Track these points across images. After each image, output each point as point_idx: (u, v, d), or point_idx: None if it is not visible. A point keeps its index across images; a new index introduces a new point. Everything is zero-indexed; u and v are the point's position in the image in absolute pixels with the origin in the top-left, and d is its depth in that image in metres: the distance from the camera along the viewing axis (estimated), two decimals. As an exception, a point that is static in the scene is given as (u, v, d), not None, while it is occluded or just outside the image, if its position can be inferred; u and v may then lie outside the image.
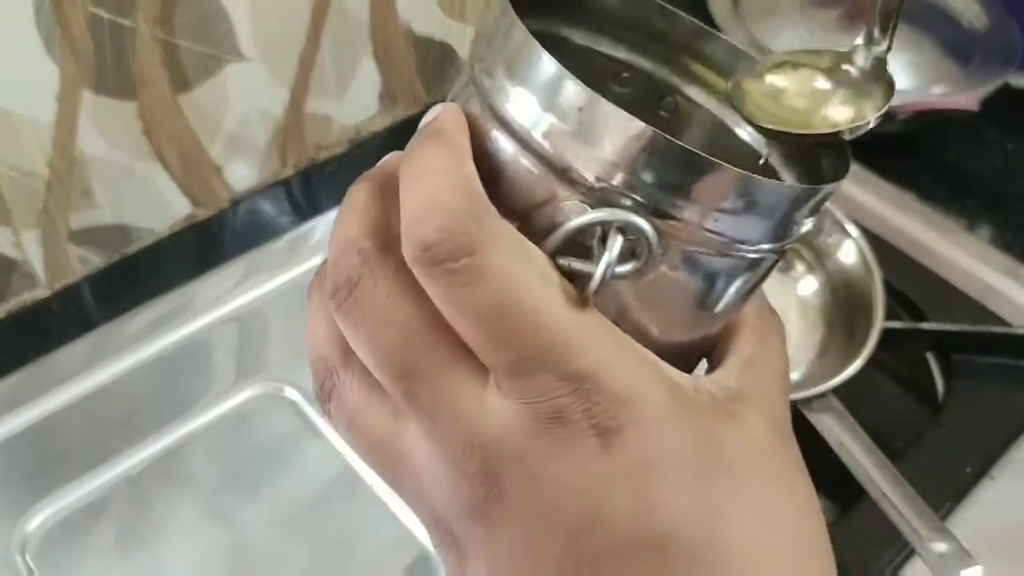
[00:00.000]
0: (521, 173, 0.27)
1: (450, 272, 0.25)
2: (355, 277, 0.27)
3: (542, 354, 0.25)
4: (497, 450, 0.26)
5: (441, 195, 0.25)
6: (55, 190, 0.63)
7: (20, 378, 0.62)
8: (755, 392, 0.29)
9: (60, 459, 0.59)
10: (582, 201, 0.26)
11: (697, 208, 0.26)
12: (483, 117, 0.28)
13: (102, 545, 0.56)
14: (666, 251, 0.27)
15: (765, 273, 0.30)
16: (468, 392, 0.26)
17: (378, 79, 0.77)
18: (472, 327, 0.25)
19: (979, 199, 0.78)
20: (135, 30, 0.61)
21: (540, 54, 0.27)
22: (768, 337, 0.31)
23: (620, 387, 0.26)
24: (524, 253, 0.26)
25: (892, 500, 0.53)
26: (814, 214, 0.29)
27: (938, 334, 0.65)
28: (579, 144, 0.26)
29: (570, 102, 0.26)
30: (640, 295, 0.28)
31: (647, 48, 0.33)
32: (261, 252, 0.70)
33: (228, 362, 0.65)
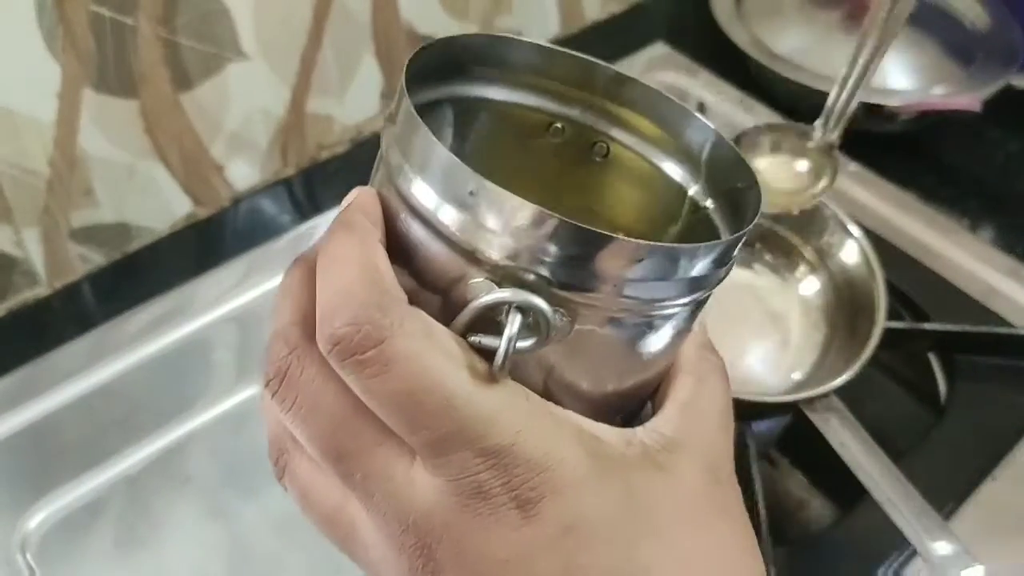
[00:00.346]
0: (432, 253, 0.28)
1: (360, 363, 0.26)
2: (284, 367, 0.28)
3: (456, 433, 0.26)
4: (428, 525, 0.27)
5: (348, 287, 0.27)
6: (56, 188, 0.63)
7: (20, 377, 0.62)
8: (691, 437, 0.30)
9: (60, 458, 0.59)
10: (489, 278, 0.27)
11: (603, 279, 0.27)
12: (393, 198, 0.29)
13: (102, 544, 0.56)
14: (576, 318, 0.27)
15: (692, 317, 0.31)
16: (397, 470, 0.28)
17: (380, 78, 0.77)
18: (388, 412, 0.27)
19: (981, 200, 0.78)
20: (137, 29, 0.61)
21: (430, 140, 0.27)
22: (707, 377, 0.32)
23: (536, 456, 0.27)
24: (431, 336, 0.27)
25: (894, 500, 0.53)
26: (726, 263, 0.30)
27: (940, 334, 0.65)
28: (479, 226, 0.27)
29: (462, 187, 0.27)
30: (566, 354, 0.29)
31: (572, 98, 0.34)
32: (262, 251, 0.70)
33: (228, 361, 0.65)
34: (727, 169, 0.32)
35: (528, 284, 0.27)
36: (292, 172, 0.76)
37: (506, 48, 0.33)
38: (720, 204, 0.33)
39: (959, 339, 0.65)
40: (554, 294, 0.27)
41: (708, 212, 0.33)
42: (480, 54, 0.33)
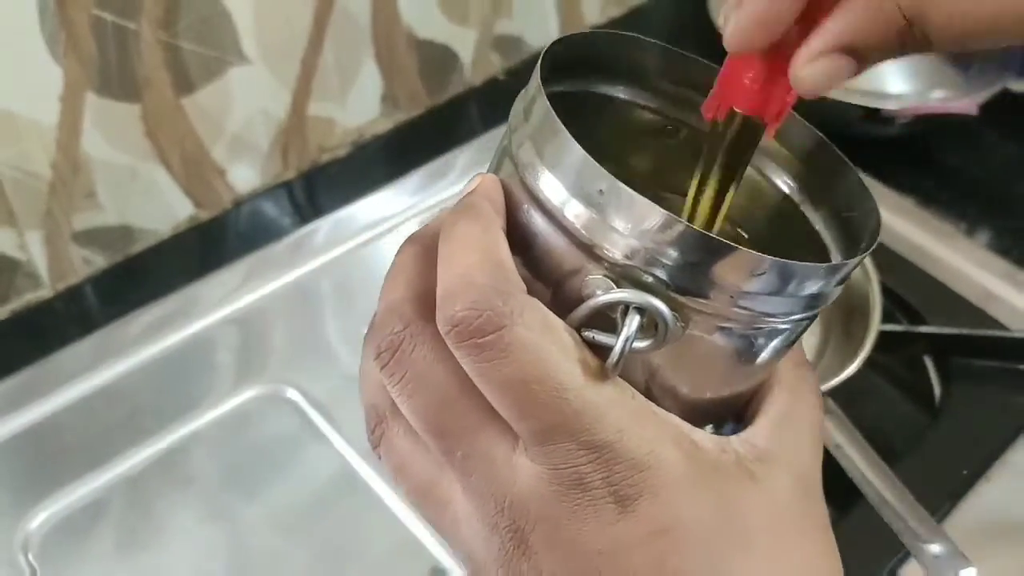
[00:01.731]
0: (551, 245, 0.29)
1: (478, 347, 0.27)
2: (396, 341, 0.29)
3: (564, 424, 0.27)
4: (524, 510, 0.28)
5: (471, 271, 0.27)
6: (59, 191, 0.64)
7: (23, 378, 0.62)
8: (784, 450, 0.30)
9: (62, 459, 0.59)
10: (607, 275, 0.28)
11: (720, 288, 0.27)
12: (518, 189, 0.30)
13: (104, 545, 0.56)
14: (689, 324, 0.28)
15: (797, 336, 0.31)
16: (499, 454, 0.28)
17: (380, 82, 0.78)
18: (499, 397, 0.27)
19: (978, 204, 0.78)
20: (139, 33, 0.62)
21: (566, 138, 0.28)
22: (801, 393, 0.32)
23: (638, 455, 0.27)
24: (548, 328, 0.27)
25: (888, 502, 0.53)
26: (842, 282, 0.30)
27: (935, 337, 0.65)
28: (604, 224, 0.27)
29: (593, 186, 0.27)
30: (672, 358, 0.29)
31: (689, 101, 0.34)
32: (263, 253, 0.71)
33: (230, 363, 0.65)
34: (840, 186, 0.32)
35: (645, 285, 0.27)
36: (293, 175, 0.76)
37: (630, 47, 0.33)
38: (828, 220, 0.33)
39: (954, 342, 0.65)
40: (670, 297, 0.27)
41: (814, 226, 0.34)
42: (605, 51, 0.33)
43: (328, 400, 0.63)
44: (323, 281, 0.71)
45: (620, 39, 0.33)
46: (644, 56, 0.34)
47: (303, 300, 0.69)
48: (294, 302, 0.69)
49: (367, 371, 0.32)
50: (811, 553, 0.30)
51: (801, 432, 0.31)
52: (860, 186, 0.32)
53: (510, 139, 0.30)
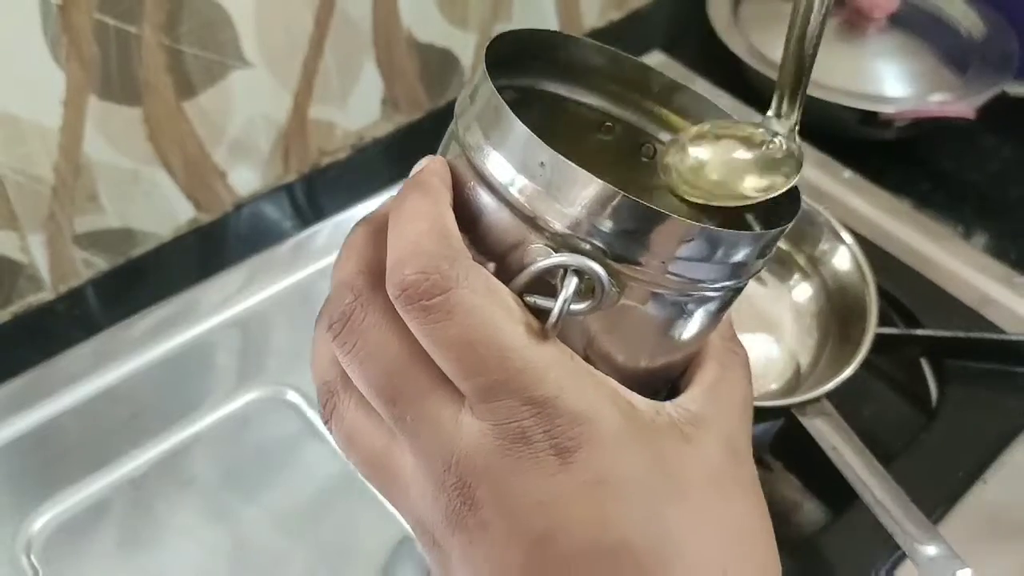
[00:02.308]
0: (496, 220, 0.31)
1: (425, 309, 0.28)
2: (348, 312, 0.31)
3: (507, 381, 0.28)
4: (470, 465, 0.29)
5: (420, 239, 0.29)
6: (61, 194, 0.64)
7: (25, 381, 0.62)
8: (714, 416, 0.32)
9: (64, 461, 0.60)
10: (548, 245, 0.30)
11: (654, 255, 0.29)
12: (464, 169, 0.31)
13: (106, 546, 0.57)
14: (624, 290, 0.30)
15: (725, 306, 0.33)
16: (446, 415, 0.30)
17: (381, 85, 0.78)
18: (446, 357, 0.29)
19: (975, 207, 0.78)
20: (140, 37, 0.62)
21: (511, 118, 0.30)
22: (732, 366, 0.34)
23: (577, 409, 0.29)
24: (492, 291, 0.29)
25: (884, 504, 0.53)
26: (767, 254, 0.32)
27: (931, 340, 0.66)
28: (546, 198, 0.29)
29: (536, 161, 0.29)
30: (607, 326, 0.31)
31: (625, 99, 0.37)
32: (264, 256, 0.71)
33: (231, 365, 0.65)
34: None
35: (584, 252, 0.29)
36: (294, 178, 0.77)
37: (571, 46, 0.35)
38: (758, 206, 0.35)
39: (950, 345, 0.65)
40: (607, 264, 0.29)
41: (745, 214, 0.36)
42: (546, 49, 0.35)
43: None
44: (324, 284, 0.70)
45: (560, 37, 0.35)
46: (583, 54, 0.36)
47: (304, 302, 0.69)
48: (295, 304, 0.69)
49: (319, 348, 0.33)
50: (742, 509, 0.32)
51: (731, 399, 0.33)
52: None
53: (456, 124, 0.32)
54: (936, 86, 0.81)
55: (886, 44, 0.84)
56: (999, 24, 0.86)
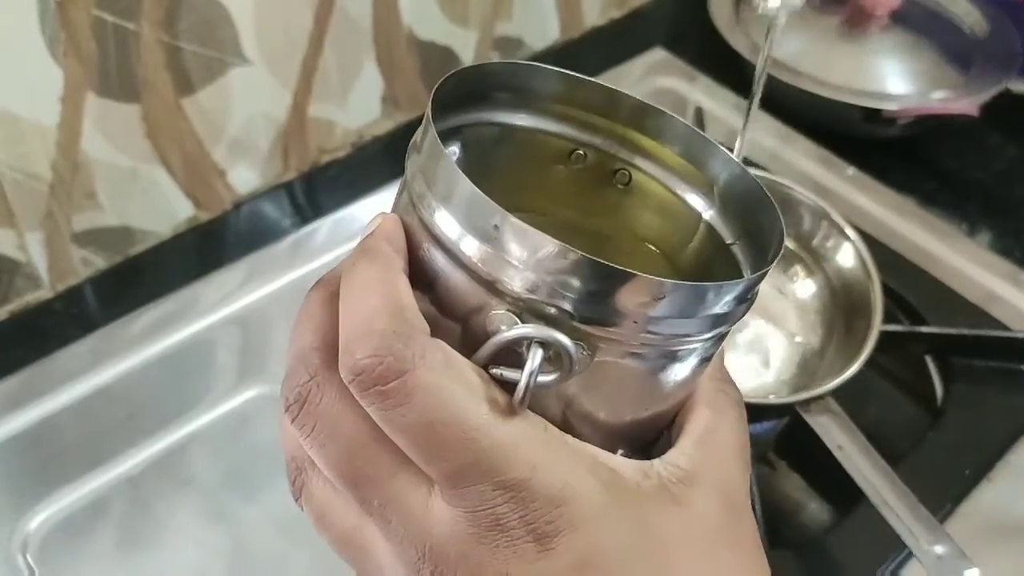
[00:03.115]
0: (453, 283, 0.28)
1: (381, 394, 0.26)
2: (304, 393, 0.29)
3: (475, 465, 0.27)
4: (445, 554, 0.27)
5: (372, 316, 0.27)
6: (59, 192, 0.64)
7: (22, 378, 0.62)
8: (707, 471, 0.30)
9: (61, 459, 0.59)
10: (510, 310, 0.27)
11: (625, 314, 0.27)
12: (416, 226, 0.29)
13: (103, 545, 0.56)
14: (596, 352, 0.28)
15: (711, 353, 0.31)
16: (415, 499, 0.28)
17: (381, 83, 0.78)
18: (407, 442, 0.27)
19: (979, 204, 0.78)
20: (139, 33, 0.62)
21: (455, 172, 0.27)
22: (724, 410, 0.32)
23: (553, 490, 0.27)
24: (452, 368, 0.27)
25: (890, 503, 0.53)
26: (748, 299, 0.30)
27: (936, 337, 0.65)
28: (502, 259, 0.27)
29: (486, 220, 0.27)
30: (585, 386, 0.29)
31: (595, 125, 0.35)
32: (263, 254, 0.71)
33: (230, 363, 0.65)
34: (748, 202, 0.32)
35: (549, 317, 0.27)
36: (293, 176, 0.76)
37: (531, 75, 0.33)
38: (740, 236, 0.33)
39: (955, 342, 0.65)
40: (575, 328, 0.27)
41: (727, 244, 0.34)
42: (505, 81, 0.33)
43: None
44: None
45: (519, 68, 0.33)
46: (545, 83, 0.33)
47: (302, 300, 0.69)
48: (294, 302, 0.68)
49: (284, 422, 0.31)
50: (736, 571, 0.30)
51: (724, 449, 0.31)
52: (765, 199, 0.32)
53: (407, 175, 0.30)
54: (939, 84, 0.81)
55: (889, 42, 0.84)
56: (1002, 21, 0.86)
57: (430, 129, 0.29)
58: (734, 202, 0.33)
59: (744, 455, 0.32)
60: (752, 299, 0.30)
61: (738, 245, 0.33)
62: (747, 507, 0.31)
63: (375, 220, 0.30)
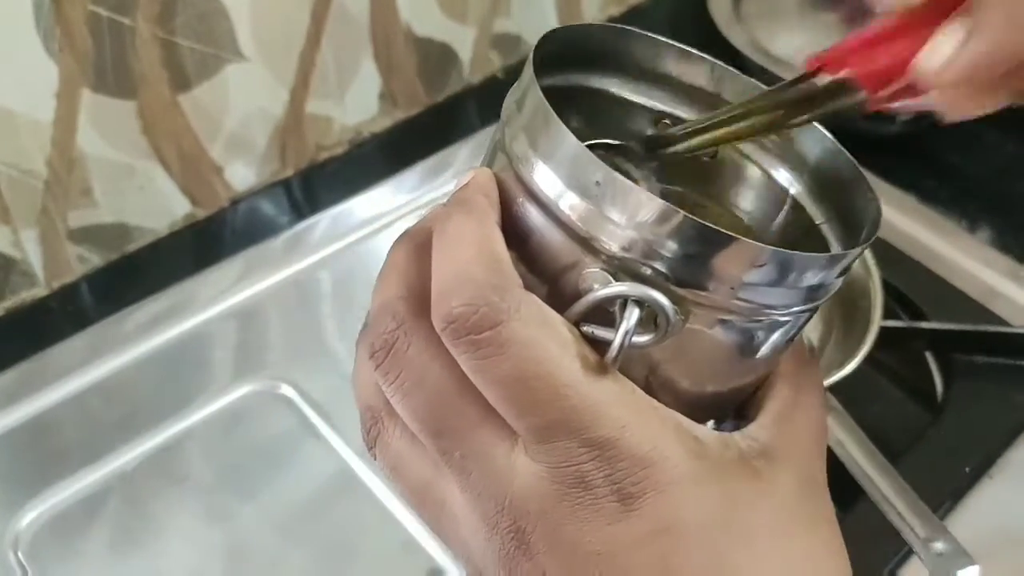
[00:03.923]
0: (548, 239, 0.28)
1: (474, 343, 0.26)
2: (391, 340, 0.29)
3: (564, 421, 0.26)
4: (525, 509, 0.27)
5: (467, 267, 0.27)
6: (54, 189, 0.64)
7: (16, 374, 0.62)
8: (786, 446, 0.30)
9: (55, 456, 0.59)
10: (605, 269, 0.27)
11: (721, 280, 0.27)
12: (512, 182, 0.29)
13: (96, 542, 0.56)
14: (688, 317, 0.27)
15: (798, 329, 0.30)
16: (498, 452, 0.28)
17: (378, 80, 0.78)
18: (497, 394, 0.27)
19: (980, 201, 0.78)
20: (135, 29, 0.61)
21: (562, 130, 0.27)
22: (806, 389, 0.32)
23: (641, 452, 0.27)
24: (546, 324, 0.27)
25: (890, 499, 0.53)
26: (844, 274, 0.29)
27: (936, 333, 0.65)
28: (601, 216, 0.27)
29: (589, 177, 0.27)
30: (671, 352, 0.29)
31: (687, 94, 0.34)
32: (260, 249, 0.70)
33: (226, 359, 0.65)
34: (841, 180, 0.32)
35: (644, 278, 0.27)
36: (291, 173, 0.76)
37: (625, 40, 0.33)
38: (830, 215, 0.33)
39: (955, 338, 0.65)
40: (670, 290, 0.27)
41: (815, 221, 0.33)
42: (601, 44, 0.33)
43: (325, 397, 0.62)
44: (321, 276, 0.70)
45: (613, 31, 0.33)
46: (637, 48, 0.33)
47: (300, 296, 0.69)
48: (290, 298, 0.68)
49: (361, 371, 0.31)
50: (816, 550, 0.30)
51: (805, 428, 0.31)
52: (860, 178, 0.31)
53: (503, 132, 0.30)
54: (940, 80, 0.81)
55: (889, 38, 0.84)
56: (1003, 18, 0.85)
57: (533, 87, 0.28)
58: (824, 179, 0.33)
59: (823, 436, 0.32)
60: (846, 275, 0.30)
61: (828, 223, 0.33)
62: (825, 488, 0.31)
63: (468, 174, 0.30)
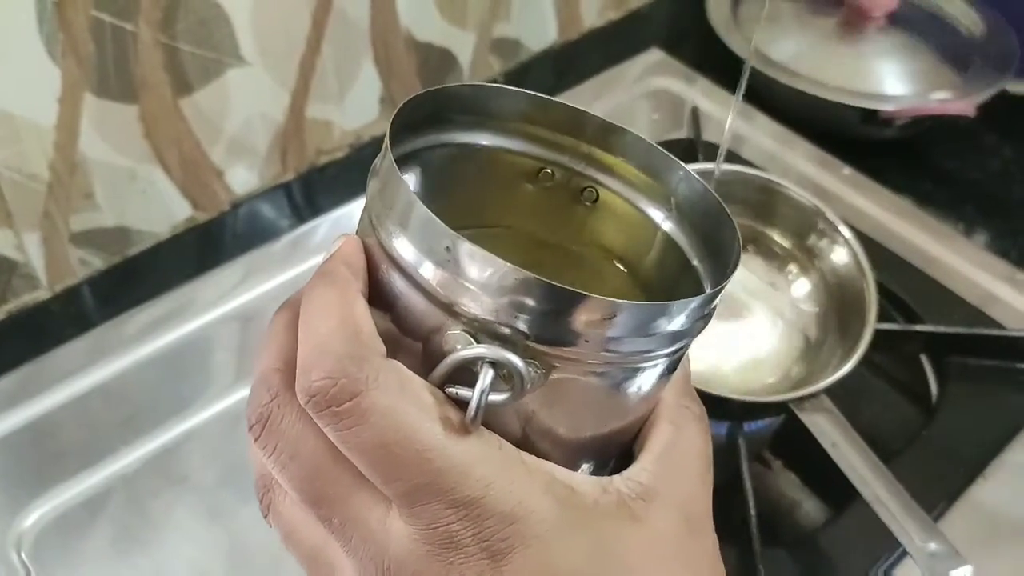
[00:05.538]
0: (412, 304, 0.29)
1: (336, 415, 0.27)
2: (265, 413, 0.29)
3: (429, 484, 0.27)
4: (402, 571, 0.28)
5: (327, 339, 0.28)
6: (56, 192, 0.64)
7: (18, 376, 0.62)
8: (668, 485, 0.30)
9: (57, 457, 0.59)
10: (466, 331, 0.28)
11: (579, 334, 0.27)
12: (376, 248, 0.30)
13: (98, 543, 0.56)
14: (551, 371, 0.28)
15: (673, 367, 0.31)
16: (373, 517, 0.28)
17: (379, 84, 0.78)
18: (363, 462, 0.27)
19: (976, 205, 0.78)
20: (137, 34, 0.62)
21: (410, 198, 0.28)
22: (684, 425, 0.32)
23: (506, 508, 0.27)
24: (405, 390, 0.28)
25: (884, 501, 0.53)
26: (705, 315, 0.30)
27: (931, 336, 0.65)
28: (456, 281, 0.27)
29: (440, 243, 0.27)
30: (543, 402, 0.29)
31: (562, 144, 0.35)
32: (261, 252, 0.71)
33: (227, 362, 0.65)
34: (709, 218, 0.33)
35: (504, 337, 0.27)
36: (291, 177, 0.77)
37: (495, 97, 0.34)
38: (702, 253, 0.34)
39: (950, 341, 0.65)
40: (530, 347, 0.27)
41: (691, 260, 0.34)
42: (469, 103, 0.33)
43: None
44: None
45: (480, 90, 0.33)
46: (508, 103, 0.34)
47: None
48: (291, 302, 0.69)
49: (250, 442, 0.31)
50: None
51: (686, 465, 0.31)
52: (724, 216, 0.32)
53: (368, 196, 0.31)
54: (936, 84, 0.81)
55: (886, 43, 0.84)
56: (999, 23, 0.86)
57: (387, 153, 0.29)
58: (695, 216, 0.34)
59: (706, 471, 0.32)
60: (709, 315, 0.30)
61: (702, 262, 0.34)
62: (708, 524, 0.32)
63: (336, 242, 0.31)
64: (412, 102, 0.31)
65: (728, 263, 0.31)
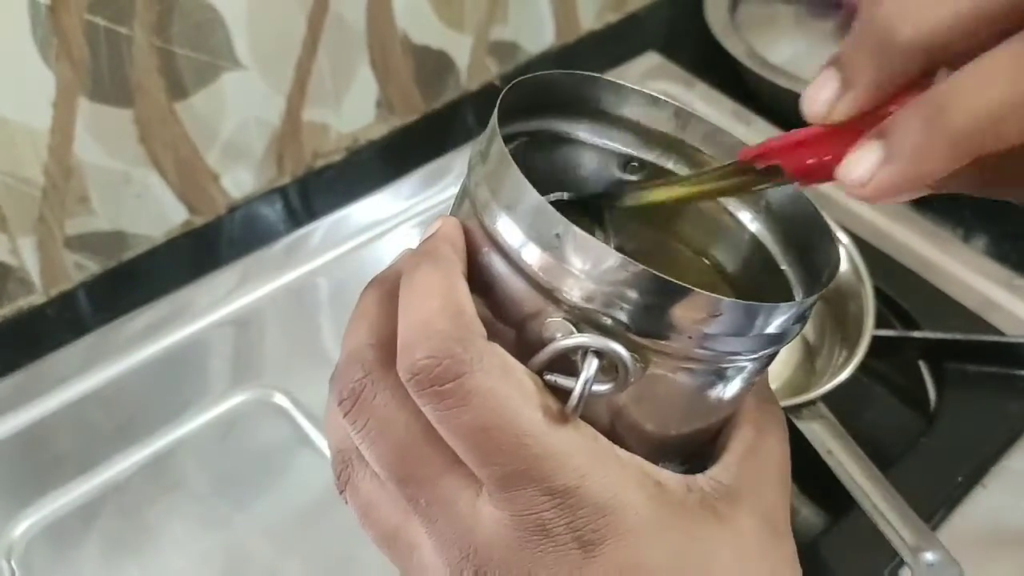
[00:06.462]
0: (512, 288, 0.29)
1: (438, 395, 0.27)
2: (358, 388, 0.29)
3: (525, 470, 0.27)
4: (489, 557, 0.28)
5: (431, 319, 0.27)
6: (51, 197, 0.64)
7: (12, 382, 0.62)
8: (749, 488, 0.31)
9: (49, 464, 0.59)
10: (567, 318, 0.28)
11: (680, 330, 0.27)
12: (477, 231, 0.30)
13: (90, 551, 0.56)
14: (649, 365, 0.28)
15: (761, 370, 0.31)
16: (463, 500, 0.28)
17: (375, 87, 0.78)
18: (461, 444, 0.27)
19: (974, 210, 0.77)
20: (132, 38, 0.62)
21: (521, 181, 0.28)
22: (768, 428, 0.32)
23: (601, 499, 0.27)
24: (508, 374, 0.28)
25: (881, 510, 0.53)
26: (805, 318, 0.30)
27: (929, 342, 0.65)
28: (562, 268, 0.28)
29: (549, 229, 0.28)
30: (635, 397, 0.29)
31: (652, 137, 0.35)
32: (257, 256, 0.71)
33: (222, 367, 0.65)
34: (801, 222, 0.33)
35: (605, 328, 0.27)
36: (288, 180, 0.76)
37: (591, 86, 0.34)
38: (791, 257, 0.34)
39: (948, 347, 0.65)
40: (630, 339, 0.27)
41: (779, 264, 0.34)
42: (567, 91, 0.34)
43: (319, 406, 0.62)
44: (318, 284, 0.70)
45: (581, 79, 0.34)
46: (604, 94, 0.34)
47: (296, 304, 0.69)
48: (287, 306, 0.68)
49: (332, 415, 0.32)
50: None
51: (767, 468, 0.32)
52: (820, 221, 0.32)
53: (469, 178, 0.31)
54: (936, 88, 0.81)
55: (885, 46, 0.84)
56: (999, 26, 0.85)
57: (496, 138, 0.29)
58: (784, 220, 0.34)
59: (786, 475, 0.32)
60: (804, 321, 0.30)
61: (790, 266, 0.34)
62: (787, 528, 0.32)
63: (435, 223, 0.31)
64: (516, 87, 0.31)
65: (822, 269, 0.31)
